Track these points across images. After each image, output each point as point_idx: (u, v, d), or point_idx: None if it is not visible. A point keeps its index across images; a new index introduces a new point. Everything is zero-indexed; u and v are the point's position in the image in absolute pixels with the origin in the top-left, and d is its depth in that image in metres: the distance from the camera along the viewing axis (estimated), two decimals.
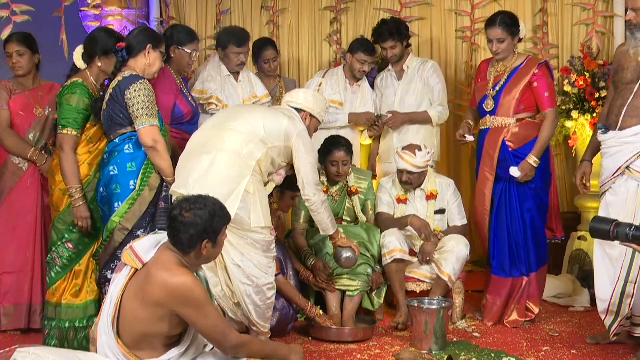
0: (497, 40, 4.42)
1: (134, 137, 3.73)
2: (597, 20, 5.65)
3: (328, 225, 4.01)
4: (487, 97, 4.52)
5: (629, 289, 3.71)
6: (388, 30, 5.00)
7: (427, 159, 4.56)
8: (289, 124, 3.85)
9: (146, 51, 3.81)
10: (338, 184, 4.70)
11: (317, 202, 3.91)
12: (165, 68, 4.26)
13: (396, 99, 5.14)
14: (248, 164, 3.68)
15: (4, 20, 5.03)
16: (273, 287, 3.79)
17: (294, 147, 3.85)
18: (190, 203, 2.91)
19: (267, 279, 3.74)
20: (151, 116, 3.69)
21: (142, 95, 3.67)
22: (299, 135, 3.86)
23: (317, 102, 4.08)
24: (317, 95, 4.16)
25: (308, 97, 4.07)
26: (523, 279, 4.44)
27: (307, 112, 4.02)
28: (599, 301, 3.90)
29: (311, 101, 4.05)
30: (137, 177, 3.72)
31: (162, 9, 5.84)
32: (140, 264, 2.93)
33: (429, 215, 4.65)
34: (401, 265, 4.50)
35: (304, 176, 3.88)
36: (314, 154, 4.13)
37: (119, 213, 3.70)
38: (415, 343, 4.05)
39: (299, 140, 3.85)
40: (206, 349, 3.08)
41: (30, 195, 4.33)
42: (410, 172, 4.55)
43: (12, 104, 4.32)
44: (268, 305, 3.79)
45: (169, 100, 4.21)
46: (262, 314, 3.78)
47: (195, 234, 2.87)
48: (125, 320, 2.91)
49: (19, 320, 4.26)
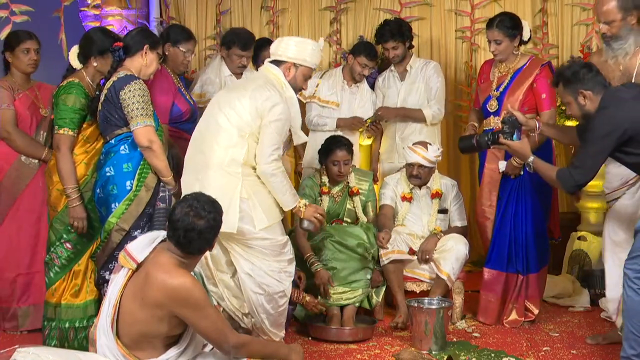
0: (495, 42, 4.44)
1: (129, 137, 3.72)
2: (596, 20, 5.64)
3: (284, 201, 3.66)
4: (490, 98, 4.52)
5: None
6: (390, 31, 5.00)
7: (438, 154, 4.64)
8: (263, 102, 3.58)
9: (143, 52, 3.80)
10: (339, 184, 4.69)
11: (266, 173, 3.59)
12: (162, 67, 4.26)
13: (399, 99, 5.15)
14: (234, 171, 3.57)
15: (3, 20, 5.02)
16: (285, 294, 3.72)
17: (264, 122, 3.59)
18: (198, 209, 2.89)
19: (279, 286, 3.67)
20: (146, 116, 3.68)
21: (136, 96, 3.66)
22: (272, 111, 3.58)
23: (299, 47, 3.70)
24: (300, 40, 3.77)
25: (289, 45, 3.71)
26: (517, 276, 4.42)
27: (290, 63, 3.71)
28: (609, 302, 3.93)
29: (292, 49, 3.70)
30: (134, 177, 3.71)
31: (162, 9, 5.86)
32: (135, 264, 2.92)
33: (432, 213, 4.67)
34: (399, 265, 4.50)
35: (261, 143, 3.59)
36: (283, 117, 3.65)
37: (115, 214, 3.69)
38: (415, 343, 4.04)
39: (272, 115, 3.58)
40: (205, 349, 3.08)
41: (37, 196, 4.28)
42: (421, 166, 4.59)
43: (17, 104, 4.27)
44: (280, 312, 3.74)
45: (167, 100, 4.20)
46: (274, 321, 3.74)
47: (212, 238, 2.92)
48: (125, 321, 2.90)
49: (40, 320, 4.14)
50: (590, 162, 3.38)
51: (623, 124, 3.29)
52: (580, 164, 3.42)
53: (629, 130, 3.29)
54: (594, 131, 3.35)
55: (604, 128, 3.32)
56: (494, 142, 3.81)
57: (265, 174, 3.60)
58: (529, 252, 4.40)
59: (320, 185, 4.66)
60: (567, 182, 3.44)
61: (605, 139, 3.32)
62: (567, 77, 3.47)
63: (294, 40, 3.78)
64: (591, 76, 3.43)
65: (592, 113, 3.40)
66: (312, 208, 3.79)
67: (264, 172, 3.59)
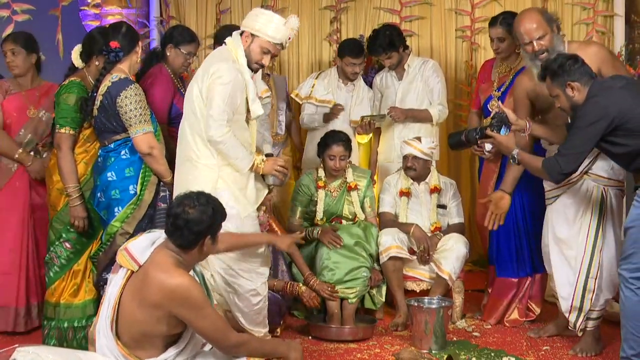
0: (498, 39, 4.45)
1: (129, 142, 3.73)
2: (597, 19, 5.64)
3: (239, 164, 3.58)
4: (491, 98, 4.53)
5: (590, 284, 3.83)
6: (380, 45, 5.01)
7: (432, 146, 4.68)
8: (208, 77, 3.55)
9: (138, 48, 3.84)
10: (337, 179, 4.69)
11: (213, 141, 3.51)
12: (163, 67, 4.26)
13: (397, 99, 5.15)
14: (206, 163, 3.55)
15: (5, 19, 5.01)
16: (258, 293, 3.66)
17: (208, 87, 3.54)
18: (193, 200, 2.90)
19: (250, 285, 3.63)
20: (144, 122, 3.68)
21: (133, 102, 3.66)
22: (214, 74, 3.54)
23: (263, 19, 3.63)
24: (267, 13, 3.68)
25: (254, 16, 3.66)
26: (527, 278, 4.45)
27: (248, 32, 3.64)
28: (561, 300, 3.95)
29: (255, 19, 3.64)
30: (137, 181, 3.72)
31: (162, 8, 5.84)
32: (137, 266, 2.91)
33: (432, 207, 4.68)
34: (398, 264, 4.50)
35: (207, 111, 3.53)
36: (229, 87, 3.55)
37: (119, 218, 3.69)
38: (415, 342, 4.04)
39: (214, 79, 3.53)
40: (205, 348, 3.07)
41: (18, 196, 4.25)
42: (415, 157, 4.62)
43: (5, 104, 4.26)
44: (256, 311, 3.68)
45: (166, 100, 4.19)
46: (251, 320, 3.69)
47: (200, 231, 2.87)
48: (124, 321, 2.90)
49: (5, 323, 4.17)
50: (577, 150, 3.38)
51: (611, 113, 3.28)
52: (567, 151, 3.41)
53: (617, 119, 3.29)
54: (582, 119, 3.34)
55: (592, 116, 3.31)
56: (481, 136, 3.84)
57: (213, 142, 3.52)
58: (534, 253, 4.39)
59: (317, 180, 4.66)
60: (553, 170, 3.44)
61: (592, 126, 3.31)
62: (553, 69, 3.46)
63: (261, 12, 3.71)
64: (577, 67, 3.42)
65: (581, 103, 3.40)
66: (270, 161, 3.72)
67: (211, 140, 3.51)
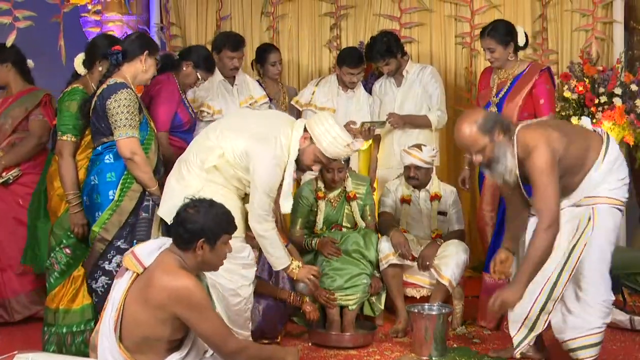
0: (489, 50, 4.48)
1: (114, 146, 3.71)
2: (596, 26, 5.66)
3: (274, 262, 3.74)
4: (490, 104, 4.54)
5: (549, 306, 3.60)
6: (378, 52, 5.04)
7: (433, 154, 4.68)
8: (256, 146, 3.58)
9: (142, 57, 3.79)
10: (336, 189, 4.70)
11: (256, 232, 3.64)
12: (171, 76, 4.33)
13: (395, 105, 5.17)
14: (199, 174, 3.58)
15: (7, 26, 5.02)
16: (237, 294, 3.64)
17: (250, 167, 3.58)
18: (198, 202, 2.95)
19: (229, 284, 3.61)
20: (130, 127, 3.65)
21: (122, 106, 3.64)
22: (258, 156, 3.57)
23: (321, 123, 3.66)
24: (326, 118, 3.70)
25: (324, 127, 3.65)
26: None
27: (309, 134, 3.67)
28: (512, 316, 3.68)
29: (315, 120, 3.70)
30: (117, 187, 3.70)
31: (162, 15, 5.87)
32: (142, 268, 2.93)
33: (432, 215, 4.70)
34: (398, 270, 4.50)
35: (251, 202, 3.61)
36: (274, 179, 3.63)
37: (98, 223, 3.69)
38: (415, 349, 4.04)
39: (255, 160, 3.57)
40: (206, 355, 3.08)
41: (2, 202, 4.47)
42: (417, 167, 4.62)
43: None
44: (236, 311, 3.66)
45: (170, 108, 4.25)
46: (233, 321, 3.64)
47: (194, 230, 2.88)
48: (127, 324, 2.91)
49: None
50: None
51: None
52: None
53: None
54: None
55: None
56: None
57: (255, 232, 3.66)
58: None
59: (316, 190, 4.67)
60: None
61: None
62: None
63: (327, 119, 3.69)
64: None
65: None
66: (305, 269, 3.83)
67: (254, 230, 3.65)
